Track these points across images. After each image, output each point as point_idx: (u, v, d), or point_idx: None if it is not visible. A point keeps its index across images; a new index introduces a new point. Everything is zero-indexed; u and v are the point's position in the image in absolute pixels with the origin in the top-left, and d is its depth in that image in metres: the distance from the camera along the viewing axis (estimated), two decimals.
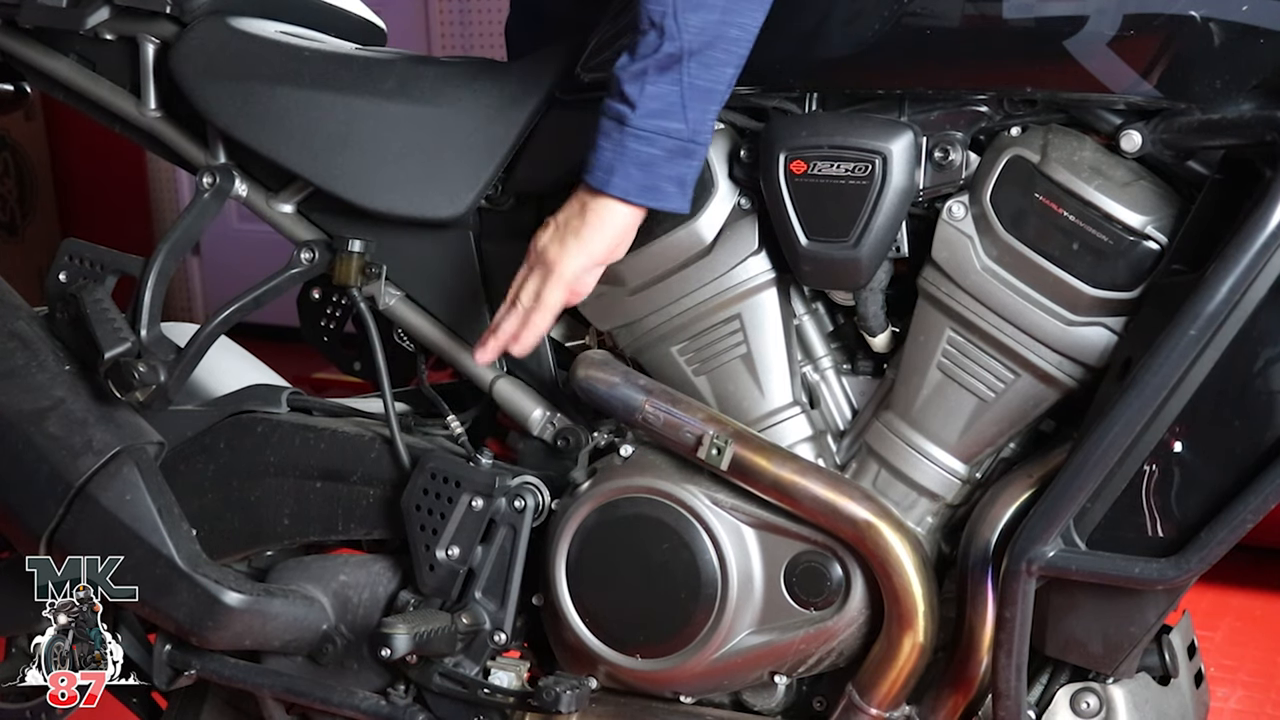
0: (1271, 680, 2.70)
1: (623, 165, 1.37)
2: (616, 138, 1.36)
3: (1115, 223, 1.33)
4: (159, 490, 1.61)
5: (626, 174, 1.37)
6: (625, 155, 1.36)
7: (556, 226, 1.44)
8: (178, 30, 1.67)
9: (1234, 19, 1.24)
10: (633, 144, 1.36)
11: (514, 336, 1.48)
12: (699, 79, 1.34)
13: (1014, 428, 1.44)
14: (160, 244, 1.64)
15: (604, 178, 1.38)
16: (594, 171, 1.39)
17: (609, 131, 1.37)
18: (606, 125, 1.37)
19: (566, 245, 1.42)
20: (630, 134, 1.36)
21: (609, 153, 1.37)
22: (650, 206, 1.40)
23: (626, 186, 1.38)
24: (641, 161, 1.36)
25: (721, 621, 1.48)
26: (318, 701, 1.63)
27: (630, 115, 1.35)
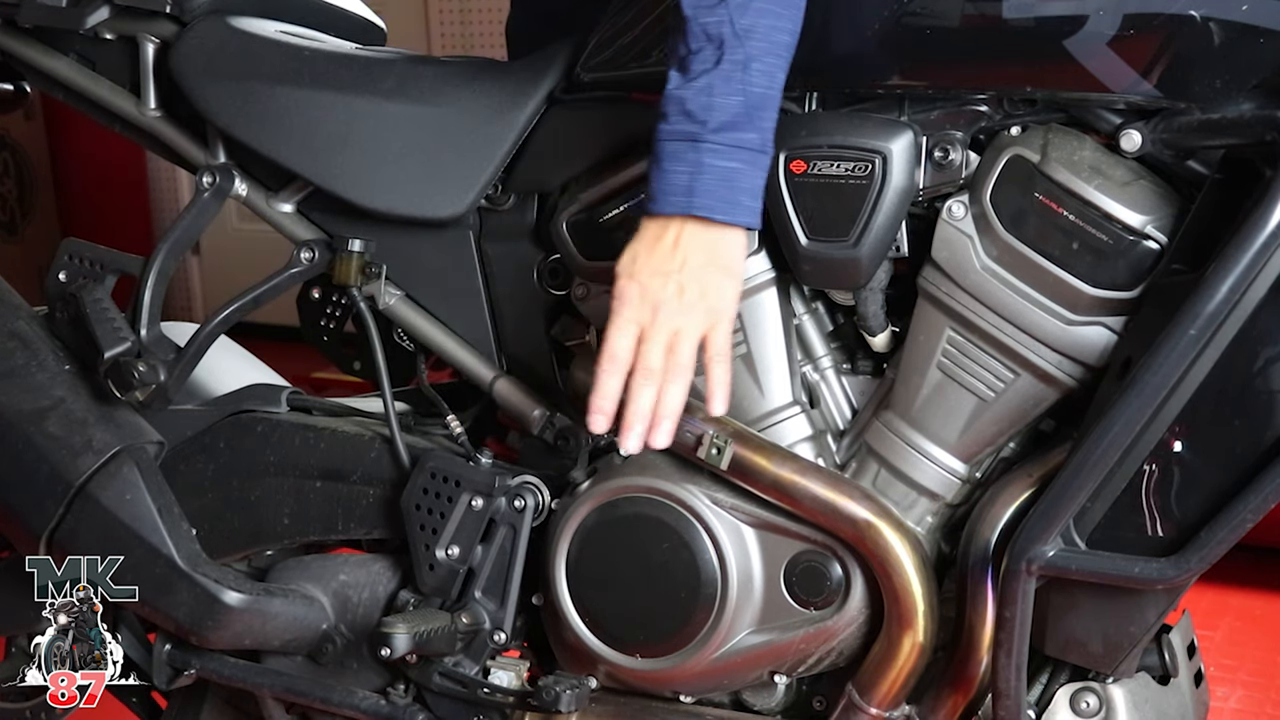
0: (1271, 680, 2.70)
1: (702, 184, 1.31)
2: (691, 157, 1.31)
3: (1115, 222, 1.33)
4: (159, 490, 1.61)
5: (708, 191, 1.31)
6: (704, 173, 1.31)
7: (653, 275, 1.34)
8: (177, 30, 1.67)
9: (1234, 18, 1.24)
10: (710, 159, 1.31)
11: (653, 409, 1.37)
12: (757, 85, 1.31)
13: (1014, 427, 1.44)
14: (160, 243, 1.64)
15: (684, 201, 1.32)
16: (668, 198, 1.33)
17: (679, 154, 1.31)
18: (674, 148, 1.31)
19: (686, 292, 1.34)
20: (707, 150, 1.30)
21: (683, 175, 1.31)
22: (734, 223, 1.34)
23: (711, 204, 1.32)
24: (722, 176, 1.32)
25: (721, 621, 1.48)
26: (317, 701, 1.63)
27: (702, 131, 1.30)
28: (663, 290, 1.34)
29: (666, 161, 1.33)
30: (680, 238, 1.33)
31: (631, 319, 1.36)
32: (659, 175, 1.34)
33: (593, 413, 1.37)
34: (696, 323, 1.35)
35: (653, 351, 1.35)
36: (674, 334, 1.35)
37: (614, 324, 1.36)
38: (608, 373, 1.36)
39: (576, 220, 1.55)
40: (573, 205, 1.55)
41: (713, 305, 1.35)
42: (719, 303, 1.36)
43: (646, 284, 1.35)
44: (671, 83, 1.33)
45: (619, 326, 1.36)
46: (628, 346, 1.36)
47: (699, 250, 1.34)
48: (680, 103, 1.31)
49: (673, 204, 1.33)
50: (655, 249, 1.34)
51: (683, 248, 1.34)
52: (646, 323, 1.35)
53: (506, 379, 1.63)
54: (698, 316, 1.35)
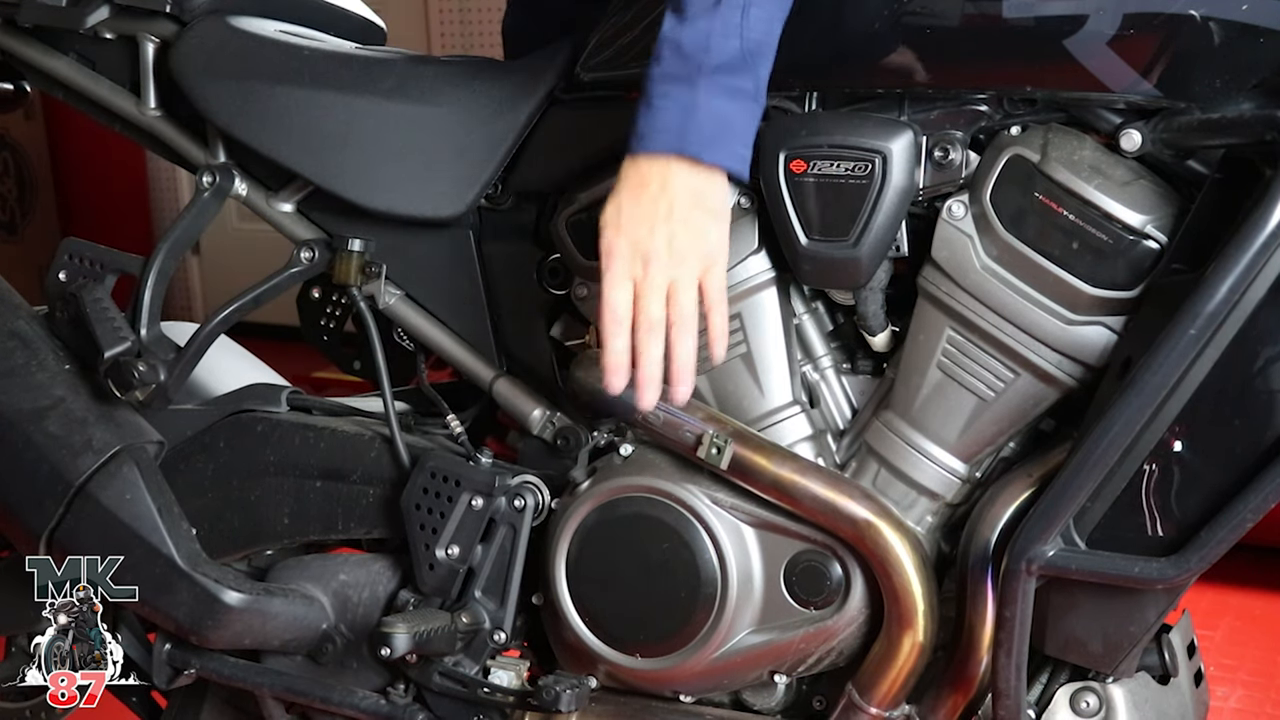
0: (1271, 679, 2.70)
1: (695, 123, 1.28)
2: (685, 97, 1.27)
3: (1115, 222, 1.33)
4: (159, 489, 1.61)
5: (701, 131, 1.28)
6: (698, 112, 1.27)
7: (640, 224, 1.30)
8: (177, 29, 1.67)
9: (1234, 18, 1.24)
10: (706, 99, 1.27)
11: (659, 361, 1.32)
12: (755, 32, 1.28)
13: (1014, 427, 1.44)
14: (160, 243, 1.64)
15: (675, 140, 1.28)
16: (657, 136, 1.29)
17: (672, 94, 1.28)
18: (666, 88, 1.28)
19: (676, 240, 1.30)
20: (703, 89, 1.27)
21: (674, 114, 1.28)
22: (724, 166, 1.30)
23: (703, 145, 1.28)
24: (716, 117, 1.28)
25: (721, 621, 1.48)
26: (317, 700, 1.63)
27: (698, 72, 1.27)
28: (651, 240, 1.30)
29: (657, 100, 1.29)
30: (667, 180, 1.30)
31: (624, 273, 1.32)
32: (648, 114, 1.30)
33: (609, 374, 1.33)
34: (691, 270, 1.31)
35: (652, 304, 1.31)
36: (670, 284, 1.31)
37: (607, 281, 1.32)
38: (612, 333, 1.32)
39: (576, 220, 1.55)
40: (572, 205, 1.55)
41: (705, 250, 1.32)
42: (710, 247, 1.32)
43: (635, 235, 1.31)
44: (666, 25, 1.30)
45: (613, 283, 1.32)
46: (626, 301, 1.32)
47: (686, 193, 1.30)
48: (675, 44, 1.29)
49: (662, 142, 1.29)
50: (641, 195, 1.31)
51: (669, 191, 1.30)
52: (639, 276, 1.31)
53: (506, 378, 1.63)
54: (692, 264, 1.31)
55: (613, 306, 1.32)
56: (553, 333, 1.64)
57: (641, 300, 1.32)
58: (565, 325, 1.64)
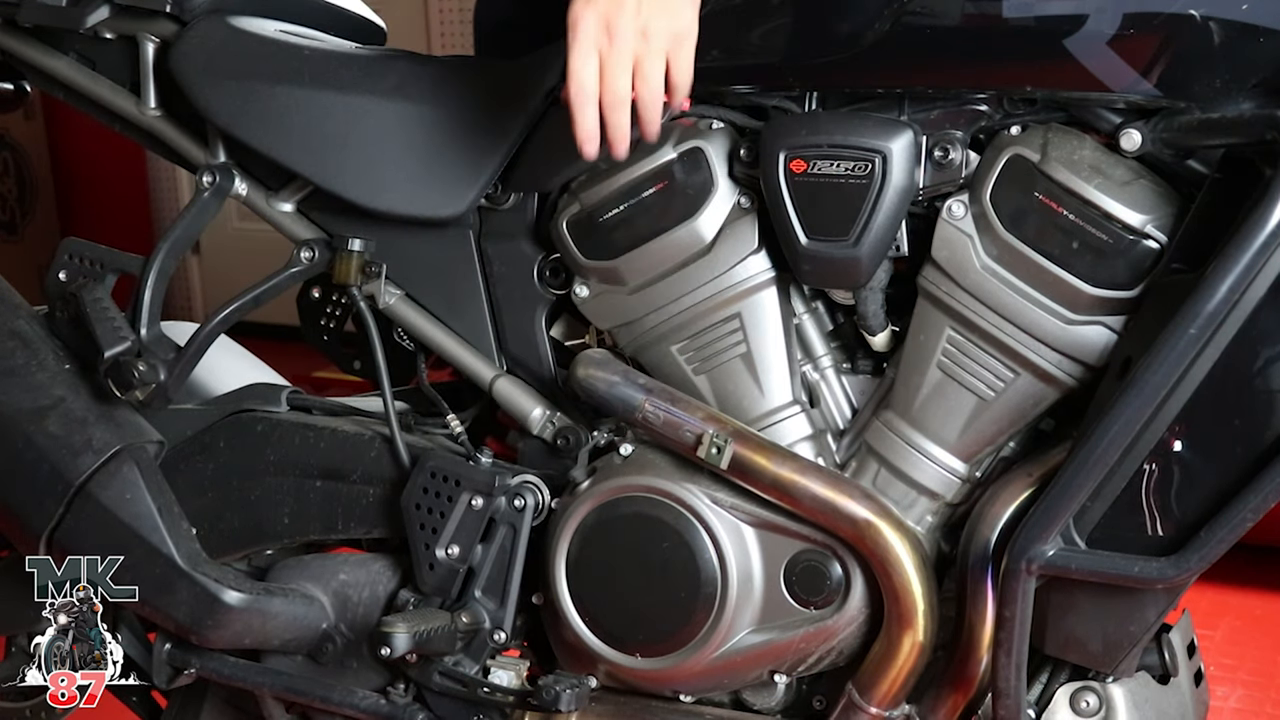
0: (1271, 679, 2.70)
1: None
2: None
3: (1115, 221, 1.33)
4: (159, 489, 1.61)
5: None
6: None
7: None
8: (177, 29, 1.67)
9: (1234, 17, 1.24)
10: None
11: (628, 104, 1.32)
12: None
13: (1014, 427, 1.44)
14: (160, 243, 1.64)
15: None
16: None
17: None
18: None
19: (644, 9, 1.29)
20: None
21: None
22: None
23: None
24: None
25: (721, 620, 1.48)
26: (317, 700, 1.64)
27: None
28: (620, 13, 1.30)
29: None
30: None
31: (589, 47, 1.31)
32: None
33: (581, 143, 1.34)
34: (659, 46, 1.31)
35: (618, 79, 1.31)
36: (636, 59, 1.31)
37: (573, 54, 1.32)
38: (579, 106, 1.33)
39: (576, 220, 1.55)
40: (573, 205, 1.55)
41: (675, 28, 1.31)
42: (678, 24, 1.32)
43: (603, 6, 1.30)
44: None
45: (578, 54, 1.31)
46: (591, 76, 1.31)
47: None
48: None
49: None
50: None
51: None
52: (605, 48, 1.31)
53: (506, 378, 1.63)
54: (659, 40, 1.31)
55: (579, 81, 1.32)
56: (553, 332, 1.64)
57: (607, 74, 1.32)
58: (565, 325, 1.65)
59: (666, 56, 1.32)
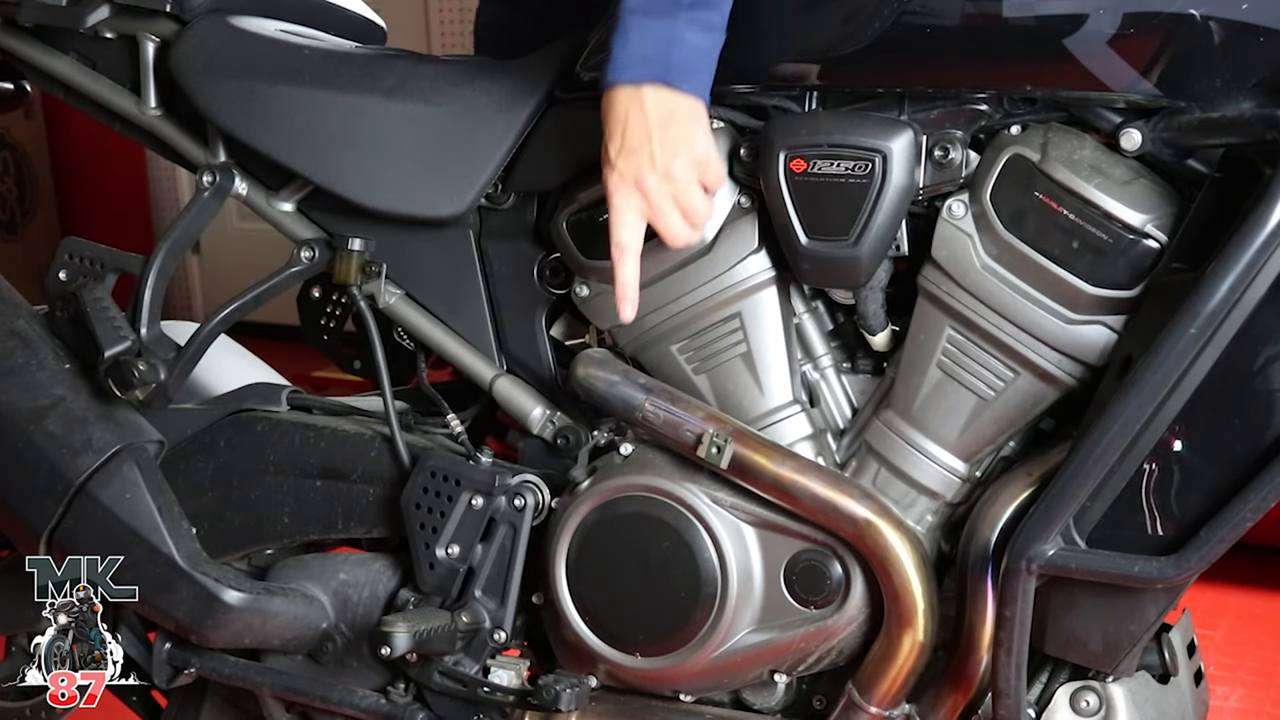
0: (1271, 679, 2.70)
1: (678, 55, 1.34)
2: (667, 30, 1.34)
3: (1115, 221, 1.33)
4: (159, 489, 1.61)
5: (684, 63, 1.35)
6: (680, 45, 1.34)
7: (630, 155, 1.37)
8: (178, 29, 1.67)
9: (1233, 17, 1.24)
10: (686, 33, 1.34)
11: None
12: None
13: (1014, 426, 1.44)
14: (160, 242, 1.64)
15: (659, 69, 1.34)
16: (639, 66, 1.35)
17: (651, 27, 1.34)
18: (645, 21, 1.34)
19: (659, 158, 1.37)
20: (684, 23, 1.33)
21: (657, 45, 1.34)
22: (698, 95, 1.37)
23: (684, 75, 1.35)
24: (695, 49, 1.35)
25: (721, 620, 1.48)
26: (318, 700, 1.64)
27: (678, 6, 1.33)
28: (641, 166, 1.37)
29: (635, 34, 1.35)
30: (645, 107, 1.36)
31: (627, 206, 1.40)
32: (625, 46, 1.35)
33: (621, 302, 1.42)
34: (687, 180, 1.39)
35: (670, 225, 1.40)
36: (674, 197, 1.39)
37: (613, 218, 1.40)
38: (622, 262, 1.41)
39: (576, 219, 1.55)
40: (572, 204, 1.55)
41: (693, 157, 1.38)
42: (697, 150, 1.38)
43: (625, 168, 1.38)
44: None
45: (618, 220, 1.40)
46: (634, 236, 1.41)
47: (665, 115, 1.36)
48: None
49: (645, 72, 1.35)
50: (628, 125, 1.37)
51: (650, 115, 1.36)
52: (644, 207, 1.40)
53: (506, 378, 1.63)
54: (685, 174, 1.38)
55: (621, 242, 1.41)
56: (553, 332, 1.64)
57: (658, 224, 1.41)
58: (565, 324, 1.65)
59: (700, 182, 1.40)
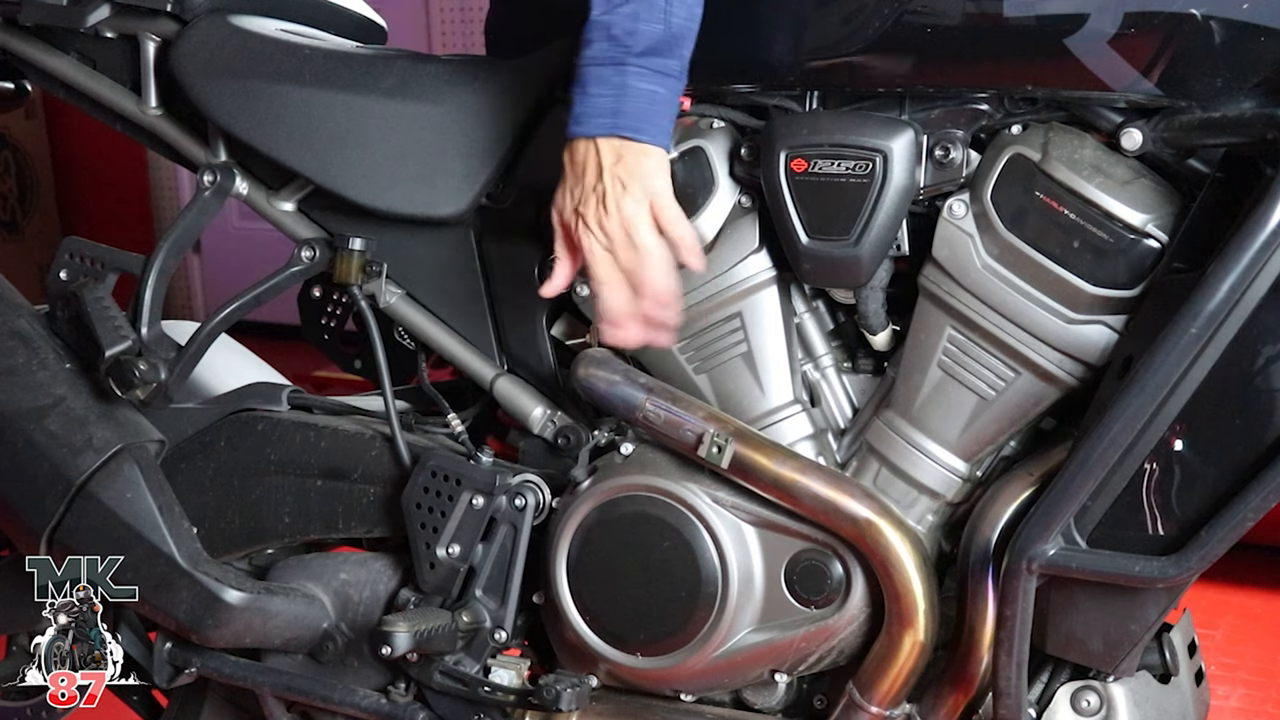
0: (1272, 678, 2.70)
1: (627, 105, 1.37)
2: (616, 80, 1.36)
3: (1116, 221, 1.33)
4: (160, 488, 1.61)
5: (633, 113, 1.37)
6: (628, 95, 1.36)
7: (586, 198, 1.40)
8: (178, 28, 1.67)
9: (1234, 17, 1.24)
10: (635, 82, 1.36)
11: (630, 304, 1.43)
12: (677, 17, 1.36)
13: (1014, 426, 1.44)
14: (161, 242, 1.64)
15: (609, 122, 1.37)
16: (593, 120, 1.38)
17: (604, 78, 1.37)
18: (599, 73, 1.37)
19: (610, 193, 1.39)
20: (632, 73, 1.36)
21: (607, 98, 1.37)
22: (653, 143, 1.39)
23: (635, 125, 1.37)
24: (645, 99, 1.37)
25: (722, 620, 1.48)
26: (318, 699, 1.64)
27: (627, 55, 1.36)
28: (589, 205, 1.39)
29: (591, 86, 1.38)
30: (601, 156, 1.38)
31: (596, 246, 1.40)
32: (583, 99, 1.38)
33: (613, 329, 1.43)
34: (637, 208, 1.39)
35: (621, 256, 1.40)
36: (625, 231, 1.39)
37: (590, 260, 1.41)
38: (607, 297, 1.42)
39: None
40: None
41: (642, 186, 1.39)
42: (646, 181, 1.39)
43: (586, 211, 1.40)
44: (596, 9, 1.37)
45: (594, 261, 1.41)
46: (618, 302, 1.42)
47: (615, 155, 1.38)
48: (605, 28, 1.36)
49: (597, 125, 1.38)
50: (581, 175, 1.40)
51: (603, 163, 1.38)
52: (593, 243, 1.40)
53: (507, 377, 1.63)
54: (633, 203, 1.38)
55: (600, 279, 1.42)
56: (553, 331, 1.64)
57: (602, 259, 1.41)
58: (566, 324, 1.64)
59: (650, 209, 1.40)
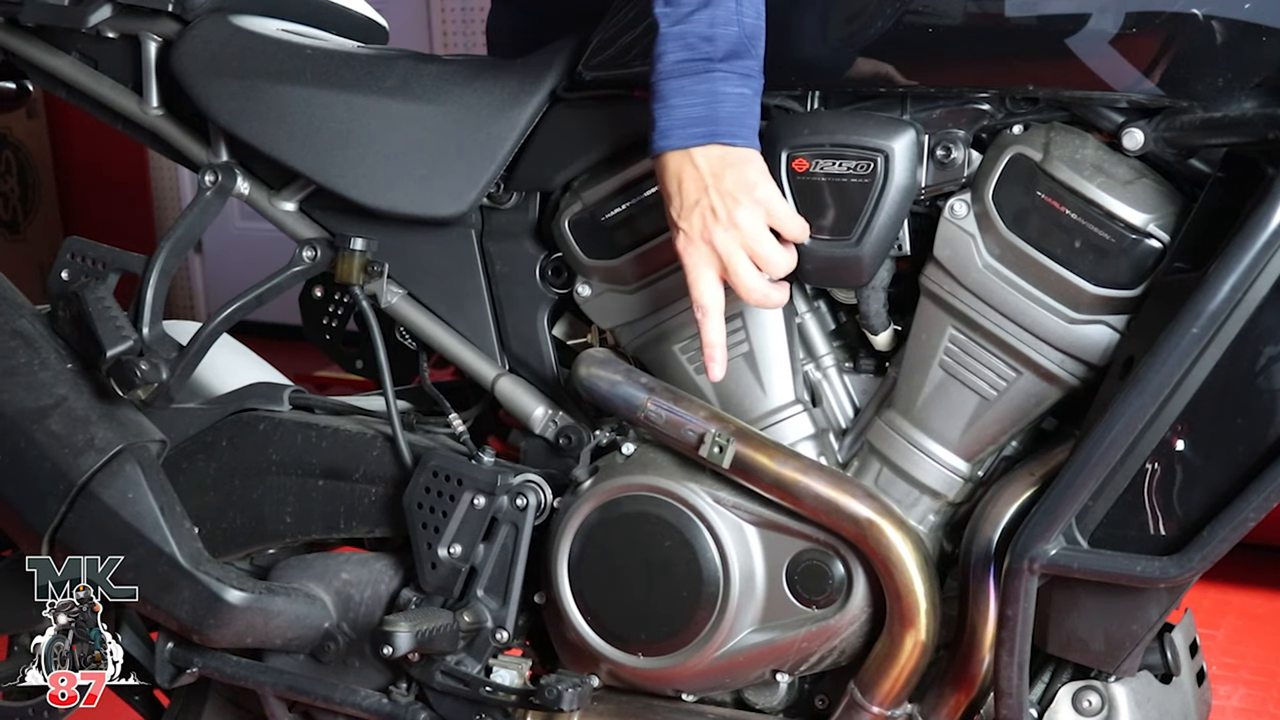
0: (1273, 679, 2.70)
1: (722, 111, 1.34)
2: (704, 88, 1.33)
3: (1117, 221, 1.33)
4: (161, 488, 1.61)
5: (729, 118, 1.34)
6: (721, 101, 1.34)
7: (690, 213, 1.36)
8: (180, 28, 1.67)
9: (1236, 16, 1.24)
10: (724, 87, 1.34)
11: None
12: (748, 17, 1.34)
13: (1016, 426, 1.44)
14: (162, 242, 1.64)
15: (706, 130, 1.34)
16: (686, 130, 1.34)
17: (688, 87, 1.33)
18: (682, 84, 1.34)
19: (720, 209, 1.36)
20: (719, 78, 1.33)
21: (697, 107, 1.34)
22: (751, 146, 1.37)
23: (733, 130, 1.35)
24: (738, 103, 1.35)
25: (723, 620, 1.48)
26: (320, 699, 1.64)
27: (712, 62, 1.33)
28: (704, 219, 1.36)
29: (674, 98, 1.34)
30: (697, 162, 1.35)
31: (701, 264, 1.38)
32: (666, 112, 1.35)
33: (709, 363, 1.40)
34: (755, 224, 1.37)
35: (744, 276, 1.37)
36: (746, 249, 1.37)
37: (690, 278, 1.38)
38: (705, 324, 1.39)
39: (579, 219, 1.55)
40: (575, 204, 1.55)
41: (753, 198, 1.36)
42: (756, 192, 1.37)
43: (689, 225, 1.37)
44: (664, 23, 1.35)
45: (695, 279, 1.38)
46: (714, 295, 1.38)
47: (716, 165, 1.35)
48: (680, 39, 1.34)
49: (689, 136, 1.35)
50: (682, 184, 1.36)
51: (703, 170, 1.35)
52: (713, 260, 1.38)
53: (509, 377, 1.63)
54: (751, 220, 1.36)
55: (698, 303, 1.39)
56: (555, 331, 1.64)
57: (734, 277, 1.38)
58: (567, 324, 1.65)
59: (768, 222, 1.38)
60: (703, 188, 1.35)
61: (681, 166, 1.36)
